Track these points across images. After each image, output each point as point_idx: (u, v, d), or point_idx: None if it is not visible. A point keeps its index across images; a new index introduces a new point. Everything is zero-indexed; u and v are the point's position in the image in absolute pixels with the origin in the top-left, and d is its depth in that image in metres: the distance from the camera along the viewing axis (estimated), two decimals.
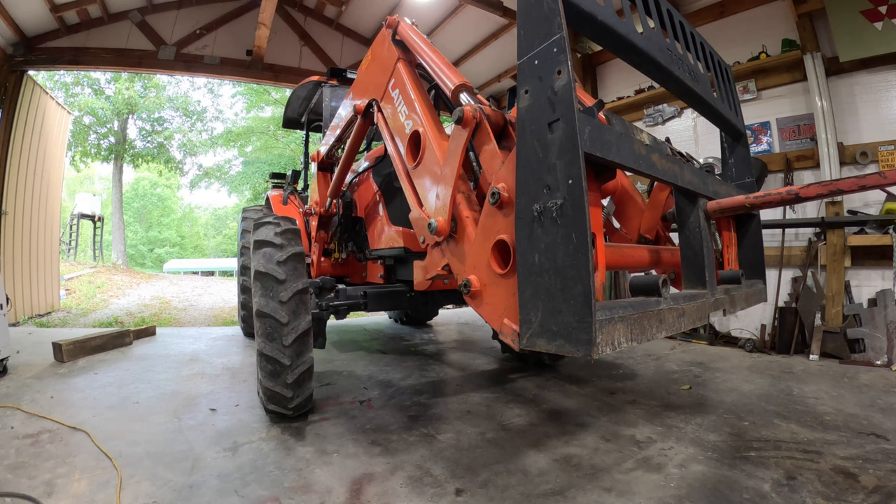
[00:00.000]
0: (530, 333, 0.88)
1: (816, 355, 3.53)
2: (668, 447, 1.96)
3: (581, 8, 0.93)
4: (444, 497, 1.60)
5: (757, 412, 2.36)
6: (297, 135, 14.75)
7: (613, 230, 1.83)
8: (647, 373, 3.23)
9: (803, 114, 4.08)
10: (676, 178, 1.13)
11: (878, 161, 3.65)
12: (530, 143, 0.88)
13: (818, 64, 3.83)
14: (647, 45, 1.13)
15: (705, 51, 1.55)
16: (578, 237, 0.77)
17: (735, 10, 4.54)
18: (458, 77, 1.56)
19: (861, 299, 3.64)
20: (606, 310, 0.80)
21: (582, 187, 0.77)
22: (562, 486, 1.66)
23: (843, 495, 1.54)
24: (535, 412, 2.45)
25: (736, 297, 1.34)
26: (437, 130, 1.58)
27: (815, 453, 1.86)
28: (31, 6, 4.87)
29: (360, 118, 2.16)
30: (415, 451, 1.97)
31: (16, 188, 5.28)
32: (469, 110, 1.25)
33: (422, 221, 1.46)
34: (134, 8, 5.79)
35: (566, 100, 0.81)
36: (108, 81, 14.56)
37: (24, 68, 5.25)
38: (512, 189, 0.98)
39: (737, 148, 1.75)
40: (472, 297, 1.17)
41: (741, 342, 4.10)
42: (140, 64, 5.88)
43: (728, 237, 1.59)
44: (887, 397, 2.55)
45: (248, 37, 6.13)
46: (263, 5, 4.97)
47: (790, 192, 1.09)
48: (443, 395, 2.77)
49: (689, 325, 1.05)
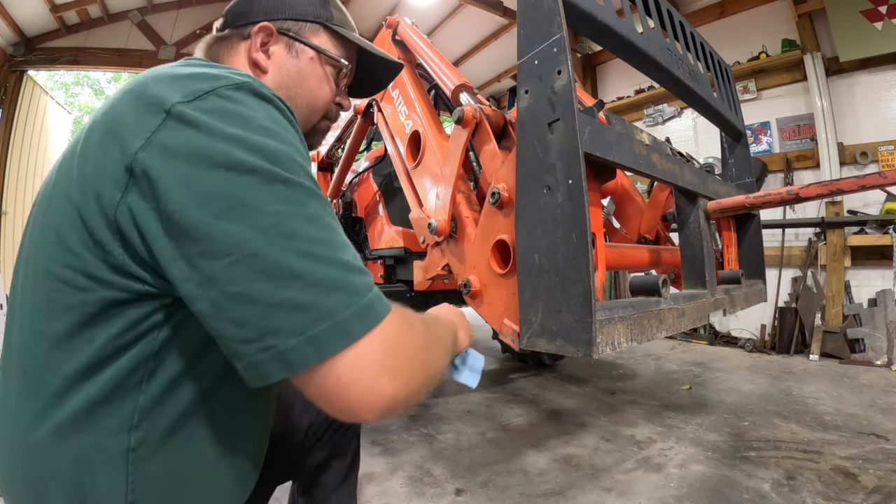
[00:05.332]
0: (530, 333, 0.88)
1: (816, 355, 3.53)
2: (668, 447, 1.96)
3: (581, 8, 0.92)
4: (444, 497, 1.60)
5: (757, 412, 2.36)
6: None
7: (613, 230, 1.83)
8: (647, 373, 3.23)
9: (803, 114, 4.07)
10: (676, 178, 1.13)
11: (878, 161, 3.65)
12: (530, 143, 0.88)
13: (818, 64, 3.83)
14: (647, 45, 1.13)
15: (705, 51, 1.55)
16: (578, 237, 0.77)
17: (735, 10, 4.54)
18: (458, 77, 1.56)
19: (861, 299, 3.64)
20: (606, 310, 0.79)
21: (582, 187, 0.77)
22: (562, 486, 1.66)
23: (843, 495, 1.54)
24: (535, 412, 2.45)
25: (736, 297, 1.34)
26: (437, 130, 1.57)
27: (815, 453, 1.86)
28: (31, 6, 4.87)
29: (360, 118, 2.16)
30: (415, 451, 1.97)
31: (16, 188, 5.28)
32: (469, 110, 1.25)
33: (422, 221, 1.45)
34: (134, 8, 5.78)
35: (566, 100, 0.80)
36: (109, 81, 14.55)
37: (24, 68, 5.24)
38: (512, 189, 0.98)
39: (737, 148, 1.75)
40: (472, 298, 1.17)
41: (741, 342, 4.10)
42: (140, 64, 5.88)
43: (728, 237, 1.59)
44: (887, 397, 2.55)
45: None
46: None
47: (790, 192, 1.09)
48: (443, 395, 2.77)
49: (689, 325, 1.05)
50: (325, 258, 0.46)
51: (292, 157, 0.49)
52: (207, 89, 0.49)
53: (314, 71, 0.78)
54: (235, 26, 0.77)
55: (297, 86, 0.77)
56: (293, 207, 0.46)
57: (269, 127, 0.50)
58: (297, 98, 0.77)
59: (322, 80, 0.80)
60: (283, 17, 0.77)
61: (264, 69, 0.75)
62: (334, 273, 0.46)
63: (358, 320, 0.46)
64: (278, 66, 0.75)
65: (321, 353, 0.44)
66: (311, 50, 0.78)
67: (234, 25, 0.77)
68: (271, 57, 0.75)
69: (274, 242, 0.44)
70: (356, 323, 0.46)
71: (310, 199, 0.48)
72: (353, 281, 0.48)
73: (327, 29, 0.80)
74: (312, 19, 0.79)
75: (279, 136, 0.50)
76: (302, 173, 0.49)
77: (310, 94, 0.79)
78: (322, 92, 0.80)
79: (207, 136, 0.46)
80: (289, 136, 0.51)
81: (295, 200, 0.47)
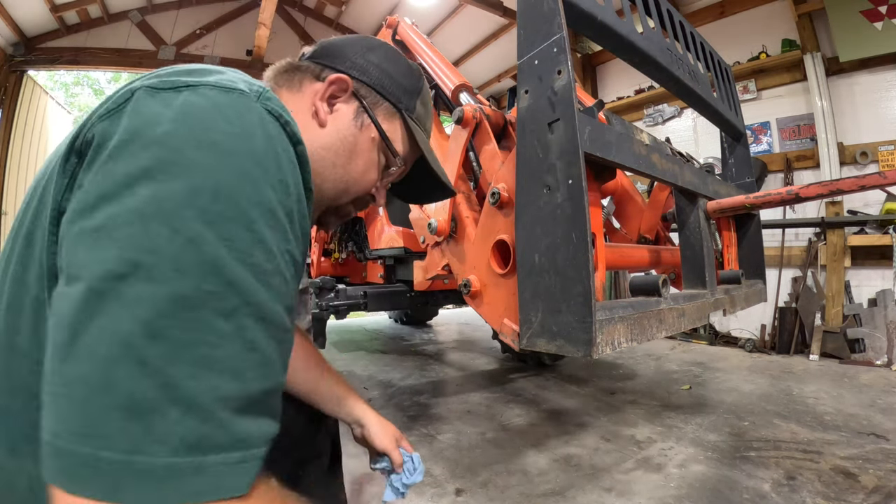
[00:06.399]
0: (530, 333, 0.88)
1: (816, 355, 3.53)
2: (669, 447, 1.96)
3: (581, 8, 0.92)
4: (444, 497, 1.60)
5: (757, 412, 2.36)
6: None
7: (613, 230, 1.83)
8: (647, 373, 3.23)
9: (803, 114, 4.07)
10: (676, 178, 1.13)
11: (878, 161, 3.65)
12: (530, 143, 0.88)
13: (818, 64, 3.83)
14: (647, 45, 1.13)
15: (705, 51, 1.55)
16: (578, 237, 0.77)
17: (735, 10, 4.54)
18: (458, 77, 1.56)
19: (861, 299, 3.64)
20: (606, 310, 0.79)
21: (582, 187, 0.77)
22: (562, 486, 1.66)
23: (843, 495, 1.54)
24: (535, 412, 2.45)
25: (736, 297, 1.34)
26: (437, 130, 1.58)
27: (815, 453, 1.86)
28: (31, 6, 4.87)
29: None
30: (415, 450, 1.97)
31: (16, 188, 5.28)
32: (469, 110, 1.25)
33: (421, 221, 1.46)
34: (134, 8, 5.78)
35: (566, 100, 0.80)
36: (109, 81, 14.55)
37: (24, 68, 5.24)
38: (512, 189, 0.98)
39: (737, 148, 1.75)
40: (472, 298, 1.17)
41: (741, 342, 4.10)
42: (140, 64, 5.88)
43: (728, 237, 1.59)
44: (887, 397, 2.55)
45: (248, 37, 6.13)
46: (263, 5, 4.97)
47: (790, 192, 1.09)
48: (443, 394, 2.77)
49: (689, 325, 1.05)
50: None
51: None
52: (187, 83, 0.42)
53: (369, 153, 0.69)
54: (316, 61, 0.69)
55: (346, 158, 0.67)
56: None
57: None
58: (338, 170, 0.67)
59: (372, 166, 0.71)
60: (367, 80, 0.69)
61: (321, 122, 0.66)
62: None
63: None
64: (337, 128, 0.66)
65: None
66: (377, 131, 0.69)
67: (315, 59, 0.70)
68: (334, 113, 0.67)
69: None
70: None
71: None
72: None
73: (403, 119, 0.72)
74: (394, 101, 0.71)
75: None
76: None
77: (353, 174, 0.69)
78: (366, 178, 0.71)
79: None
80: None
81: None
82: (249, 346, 0.36)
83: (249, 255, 0.37)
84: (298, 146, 0.46)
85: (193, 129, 0.38)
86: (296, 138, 0.46)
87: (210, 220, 0.36)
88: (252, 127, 0.41)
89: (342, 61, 0.69)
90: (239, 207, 0.38)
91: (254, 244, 0.38)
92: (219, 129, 0.39)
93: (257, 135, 0.41)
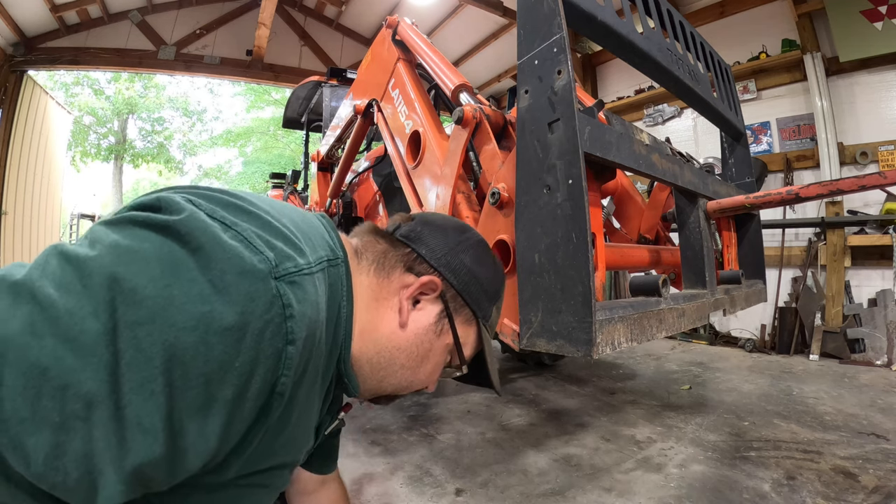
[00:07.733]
0: (530, 333, 0.88)
1: (816, 355, 3.53)
2: (668, 447, 1.96)
3: (581, 8, 0.93)
4: (444, 497, 1.60)
5: (757, 412, 2.36)
6: (297, 135, 14.74)
7: (613, 230, 1.83)
8: (647, 373, 3.24)
9: (803, 114, 4.07)
10: (676, 178, 1.13)
11: (878, 161, 3.65)
12: (530, 143, 0.88)
13: (818, 64, 3.83)
14: (647, 45, 1.13)
15: (705, 51, 1.55)
16: (578, 237, 0.77)
17: (735, 10, 4.54)
18: (458, 77, 1.56)
19: (861, 299, 3.64)
20: (606, 310, 0.80)
21: (582, 187, 0.77)
22: (562, 486, 1.66)
23: (843, 495, 1.54)
24: (535, 412, 2.45)
25: (736, 297, 1.34)
26: (437, 130, 1.57)
27: (815, 453, 1.86)
28: (31, 6, 4.87)
29: (360, 118, 2.16)
30: (415, 451, 1.97)
31: (16, 188, 5.28)
32: (469, 110, 1.25)
33: None
34: (134, 8, 5.79)
35: (566, 100, 0.81)
36: (109, 81, 14.55)
37: (24, 68, 5.25)
38: (512, 189, 0.98)
39: (737, 148, 1.75)
40: None
41: (741, 342, 4.10)
42: (140, 64, 5.89)
43: (728, 237, 1.59)
44: (887, 397, 2.55)
45: (248, 37, 6.13)
46: (263, 5, 4.97)
47: (790, 192, 1.09)
48: (443, 394, 2.77)
49: (689, 325, 1.05)
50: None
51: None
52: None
53: (439, 358, 0.67)
54: (410, 243, 0.66)
55: (417, 363, 0.65)
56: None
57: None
58: (406, 372, 0.65)
59: (436, 369, 0.68)
60: (455, 284, 0.65)
61: (403, 322, 0.63)
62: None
63: None
64: (416, 331, 0.64)
65: None
66: (451, 339, 0.66)
67: (409, 240, 0.66)
68: (417, 311, 0.64)
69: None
70: None
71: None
72: None
73: (478, 327, 0.69)
74: (475, 309, 0.68)
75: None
76: None
77: (419, 377, 0.67)
78: (429, 379, 0.69)
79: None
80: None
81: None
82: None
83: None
84: (289, 346, 0.45)
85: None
86: (290, 337, 0.44)
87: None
88: (249, 316, 0.41)
89: (435, 255, 0.65)
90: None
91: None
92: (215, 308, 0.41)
93: (251, 326, 0.42)
